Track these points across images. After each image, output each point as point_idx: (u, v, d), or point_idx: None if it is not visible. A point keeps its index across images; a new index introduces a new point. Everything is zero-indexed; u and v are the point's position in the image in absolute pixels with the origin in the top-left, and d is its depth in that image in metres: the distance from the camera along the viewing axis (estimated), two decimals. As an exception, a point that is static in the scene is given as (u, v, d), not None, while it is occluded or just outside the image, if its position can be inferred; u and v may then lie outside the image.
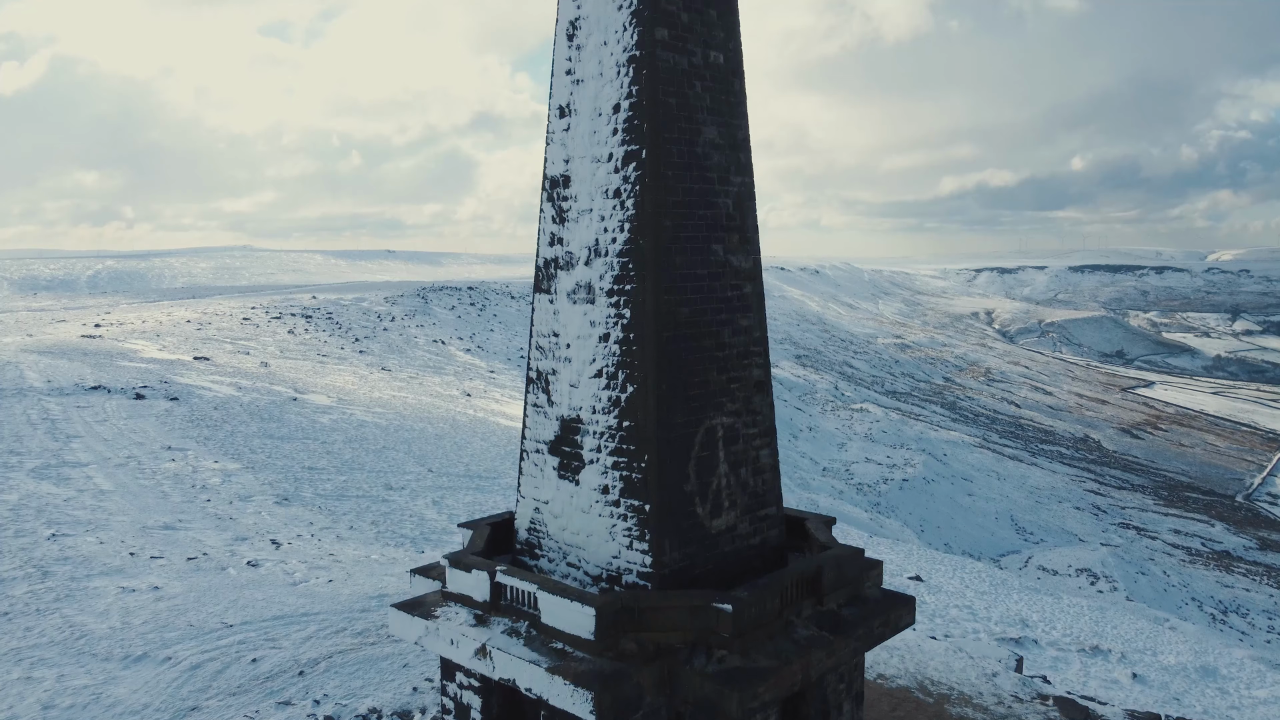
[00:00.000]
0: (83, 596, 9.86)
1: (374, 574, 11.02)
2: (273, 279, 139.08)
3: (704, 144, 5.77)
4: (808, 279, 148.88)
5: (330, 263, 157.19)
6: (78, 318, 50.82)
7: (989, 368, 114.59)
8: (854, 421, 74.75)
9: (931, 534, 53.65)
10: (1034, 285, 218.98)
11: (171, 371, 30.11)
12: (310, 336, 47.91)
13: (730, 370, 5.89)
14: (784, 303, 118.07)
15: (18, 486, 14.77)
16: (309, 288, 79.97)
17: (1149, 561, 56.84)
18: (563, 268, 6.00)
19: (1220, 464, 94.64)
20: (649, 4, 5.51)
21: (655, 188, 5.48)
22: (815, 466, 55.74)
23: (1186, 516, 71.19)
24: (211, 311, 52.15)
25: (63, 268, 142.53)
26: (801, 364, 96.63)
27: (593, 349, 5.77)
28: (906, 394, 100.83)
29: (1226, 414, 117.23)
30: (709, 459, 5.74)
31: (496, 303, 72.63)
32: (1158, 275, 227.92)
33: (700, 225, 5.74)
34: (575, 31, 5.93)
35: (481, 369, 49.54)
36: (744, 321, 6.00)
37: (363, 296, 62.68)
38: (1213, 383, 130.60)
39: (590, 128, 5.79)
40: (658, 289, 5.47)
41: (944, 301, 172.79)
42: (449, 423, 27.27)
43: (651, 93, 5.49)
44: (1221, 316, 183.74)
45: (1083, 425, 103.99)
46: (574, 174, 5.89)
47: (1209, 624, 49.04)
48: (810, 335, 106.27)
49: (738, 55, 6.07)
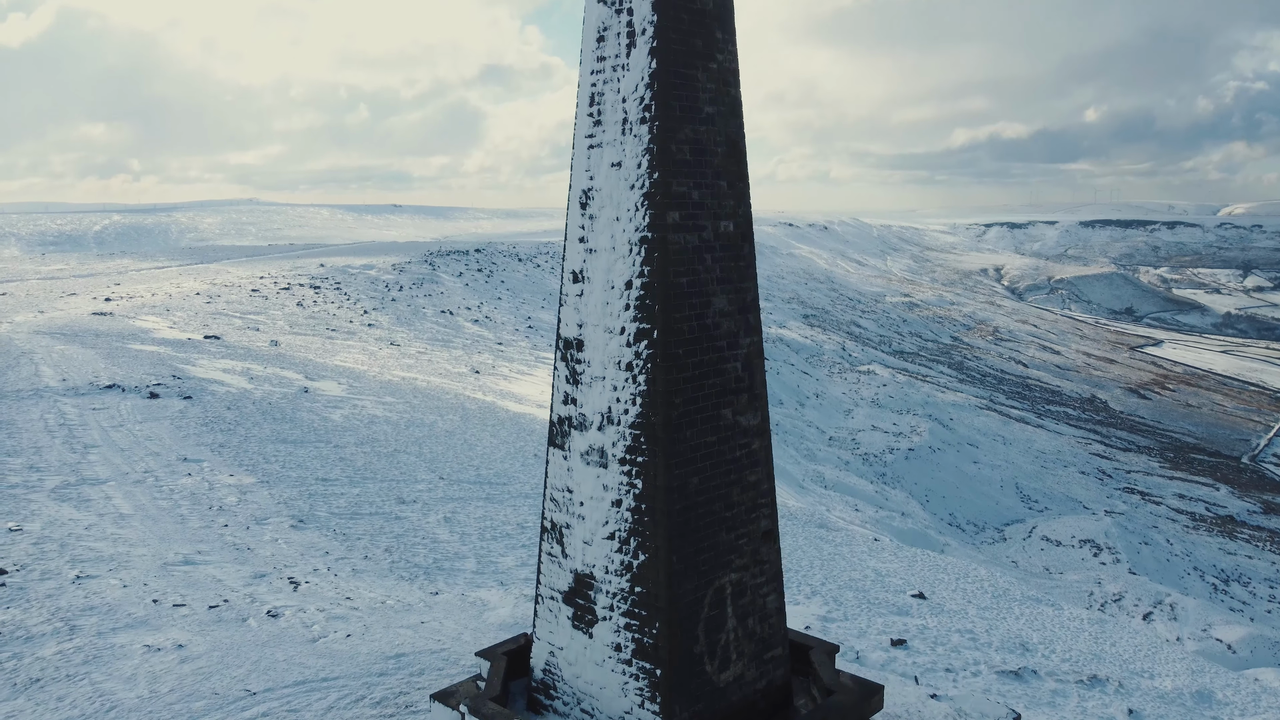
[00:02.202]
0: (110, 658, 10.19)
1: (390, 625, 11.32)
2: (279, 235, 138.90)
3: (714, 314, 5.89)
4: (816, 235, 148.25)
5: (337, 217, 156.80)
6: (88, 289, 51.02)
7: (997, 326, 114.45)
8: (861, 385, 74.91)
9: (937, 504, 54.12)
10: (1044, 240, 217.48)
11: (184, 357, 30.38)
12: (319, 310, 48.08)
13: (738, 528, 6.08)
14: (792, 260, 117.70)
15: (40, 512, 15.10)
16: (316, 249, 79.92)
17: (1152, 530, 57.25)
18: (576, 428, 6.16)
19: (1227, 424, 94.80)
20: (660, 188, 5.60)
21: (666, 366, 5.61)
22: (822, 436, 56.12)
23: (1191, 480, 71.58)
24: (220, 283, 52.31)
25: (70, 222, 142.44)
26: (809, 324, 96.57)
27: (605, 511, 5.96)
28: (914, 354, 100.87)
29: (1235, 373, 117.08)
30: (717, 617, 5.95)
31: (504, 267, 72.56)
32: (1169, 230, 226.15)
33: (710, 393, 5.89)
34: (588, 201, 6.01)
35: (489, 340, 49.75)
36: (751, 477, 6.17)
37: (370, 264, 62.72)
38: (1222, 341, 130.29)
39: (603, 298, 5.90)
40: (669, 463, 5.64)
41: (953, 258, 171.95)
42: (459, 412, 27.55)
43: (663, 274, 5.60)
44: (1233, 272, 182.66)
45: (1090, 385, 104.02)
46: (587, 340, 6.02)
47: (1210, 595, 49.57)
48: (818, 294, 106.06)
49: (747, 220, 6.16)
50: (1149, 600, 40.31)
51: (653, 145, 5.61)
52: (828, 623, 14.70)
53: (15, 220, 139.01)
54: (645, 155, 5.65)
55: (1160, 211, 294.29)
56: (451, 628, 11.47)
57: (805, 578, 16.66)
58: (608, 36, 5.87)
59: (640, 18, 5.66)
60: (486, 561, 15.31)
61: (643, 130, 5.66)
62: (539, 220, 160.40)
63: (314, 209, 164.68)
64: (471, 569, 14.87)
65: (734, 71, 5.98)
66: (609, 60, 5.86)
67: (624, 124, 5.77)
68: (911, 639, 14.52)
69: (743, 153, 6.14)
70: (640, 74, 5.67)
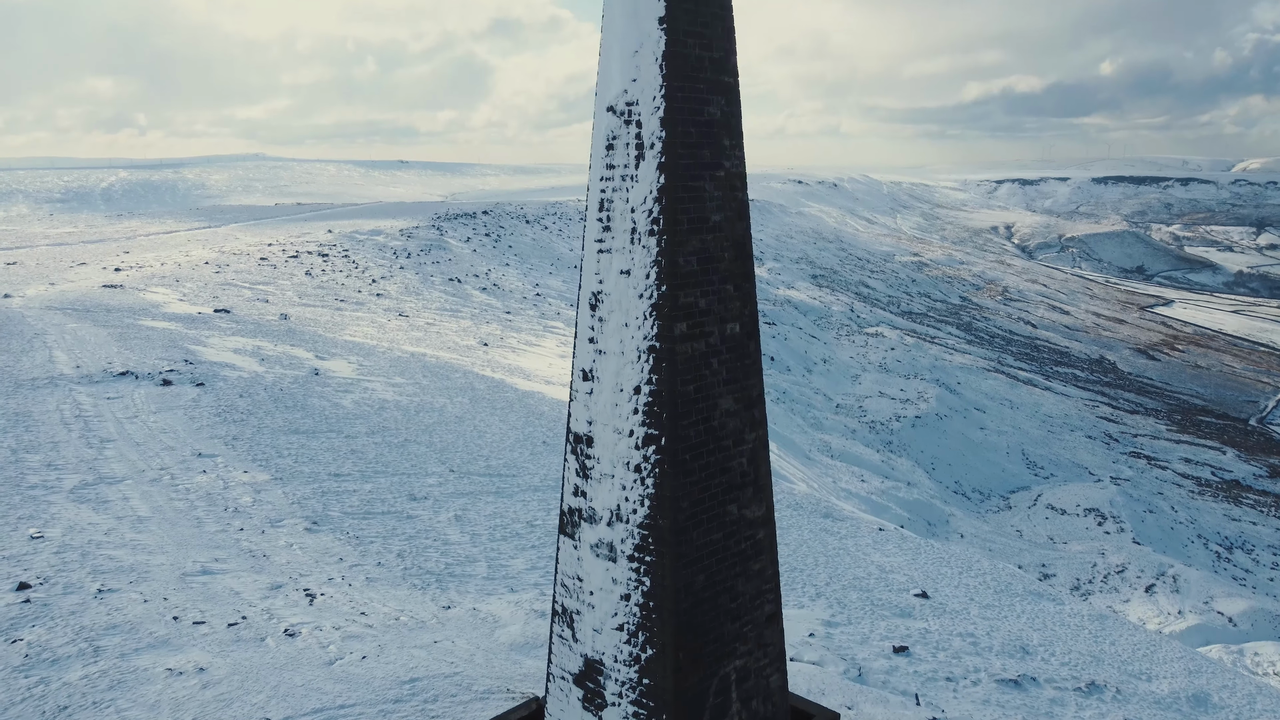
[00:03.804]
0: (134, 683, 10.51)
1: (404, 645, 11.64)
2: (287, 192, 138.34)
3: (720, 415, 6.03)
4: (826, 192, 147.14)
5: (344, 173, 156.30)
6: (97, 257, 51.17)
7: (1006, 286, 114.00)
8: (869, 349, 74.96)
9: (943, 472, 54.45)
10: (1056, 197, 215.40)
11: (195, 335, 30.62)
12: (327, 279, 48.20)
13: (743, 616, 6.27)
14: (801, 219, 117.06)
15: (60, 516, 15.43)
16: (324, 211, 79.81)
17: (1157, 496, 57.51)
18: (586, 520, 6.33)
19: (1235, 386, 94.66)
20: (668, 300, 5.70)
21: (674, 473, 5.77)
22: (829, 403, 56.32)
23: (1198, 444, 71.68)
24: (229, 250, 52.40)
25: (77, 179, 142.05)
26: (817, 284, 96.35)
27: (615, 604, 6.15)
28: (922, 314, 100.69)
29: (1245, 333, 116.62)
30: (722, 704, 6.17)
31: (512, 230, 72.42)
32: (1183, 187, 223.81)
33: (716, 491, 6.05)
34: (598, 304, 6.11)
35: (497, 309, 49.89)
36: (756, 566, 6.35)
37: (378, 228, 62.67)
38: (1233, 300, 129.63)
39: (612, 400, 6.04)
40: (676, 565, 5.82)
41: (963, 215, 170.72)
42: (468, 394, 27.80)
43: (670, 383, 5.73)
44: (1246, 230, 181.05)
45: (1099, 346, 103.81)
46: (597, 437, 6.17)
47: (1213, 564, 49.92)
48: (827, 254, 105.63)
49: (753, 318, 6.26)
50: (1152, 572, 40.69)
51: (660, 259, 5.71)
52: (832, 628, 15.01)
53: (22, 177, 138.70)
54: (654, 267, 5.74)
55: (1174, 167, 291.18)
56: (464, 647, 11.77)
57: (810, 578, 16.95)
58: (616, 145, 5.93)
59: (649, 132, 5.72)
60: (497, 565, 15.61)
61: (651, 242, 5.75)
62: (546, 176, 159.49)
63: (321, 165, 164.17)
64: (483, 574, 15.18)
65: (741, 176, 6.05)
66: (618, 169, 5.93)
67: (633, 233, 5.85)
68: (913, 645, 14.82)
69: (749, 253, 6.22)
70: (649, 187, 5.75)
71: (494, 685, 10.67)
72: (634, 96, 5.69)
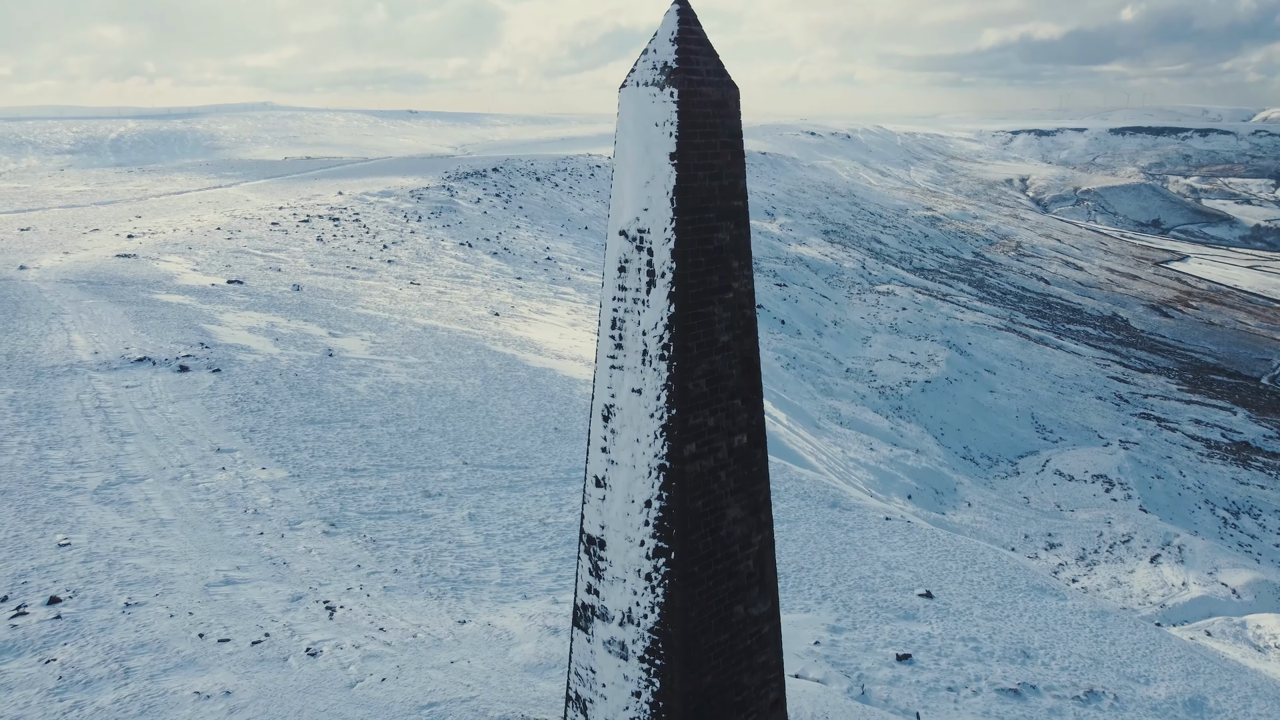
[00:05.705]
0: (163, 707, 10.93)
1: (421, 665, 12.02)
2: (296, 142, 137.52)
3: (728, 524, 6.24)
4: (839, 144, 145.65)
5: (353, 124, 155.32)
6: (109, 222, 51.34)
7: (1020, 241, 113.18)
8: (880, 309, 74.85)
9: (951, 437, 54.70)
10: (1072, 149, 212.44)
11: (209, 312, 30.90)
12: (339, 244, 48.31)
13: (748, 707, 6.55)
14: (813, 173, 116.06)
15: (85, 520, 15.83)
16: (333, 169, 79.56)
17: (1166, 460, 57.66)
18: (599, 618, 6.59)
19: (1249, 344, 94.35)
20: (678, 422, 5.88)
21: (683, 585, 6.00)
22: (839, 368, 56.46)
23: (1209, 404, 71.63)
24: (240, 214, 52.48)
25: (86, 129, 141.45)
26: (829, 240, 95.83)
27: (626, 699, 6.43)
28: (934, 271, 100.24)
29: (1260, 289, 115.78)
30: (728, 792, 6.49)
31: (522, 189, 72.16)
32: (1201, 138, 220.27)
33: (723, 595, 6.28)
34: (610, 416, 6.30)
35: (508, 275, 49.97)
36: (761, 658, 6.61)
37: (388, 189, 62.56)
38: (1250, 255, 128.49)
39: (624, 509, 6.25)
40: (685, 669, 6.08)
41: (978, 167, 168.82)
42: (480, 374, 28.07)
43: (680, 501, 5.94)
44: (1265, 182, 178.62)
45: (1112, 303, 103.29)
46: (609, 542, 6.40)
47: (1219, 530, 50.27)
48: (839, 209, 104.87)
49: (760, 427, 6.43)
50: (1157, 542, 41.07)
51: (671, 383, 5.88)
52: (837, 634, 15.38)
53: (31, 127, 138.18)
54: (664, 390, 5.92)
55: (1194, 116, 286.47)
56: (479, 668, 12.16)
57: (816, 579, 17.29)
58: (629, 269, 6.06)
59: (660, 261, 5.85)
60: (510, 570, 15.98)
61: (661, 366, 5.93)
62: (556, 127, 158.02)
63: (330, 114, 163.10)
64: (496, 580, 15.55)
65: (749, 294, 6.19)
66: (629, 291, 6.07)
67: (644, 355, 6.02)
68: (916, 651, 15.19)
69: (756, 366, 6.39)
70: (659, 314, 5.90)
71: (509, 711, 11.07)
72: (645, 225, 5.81)
